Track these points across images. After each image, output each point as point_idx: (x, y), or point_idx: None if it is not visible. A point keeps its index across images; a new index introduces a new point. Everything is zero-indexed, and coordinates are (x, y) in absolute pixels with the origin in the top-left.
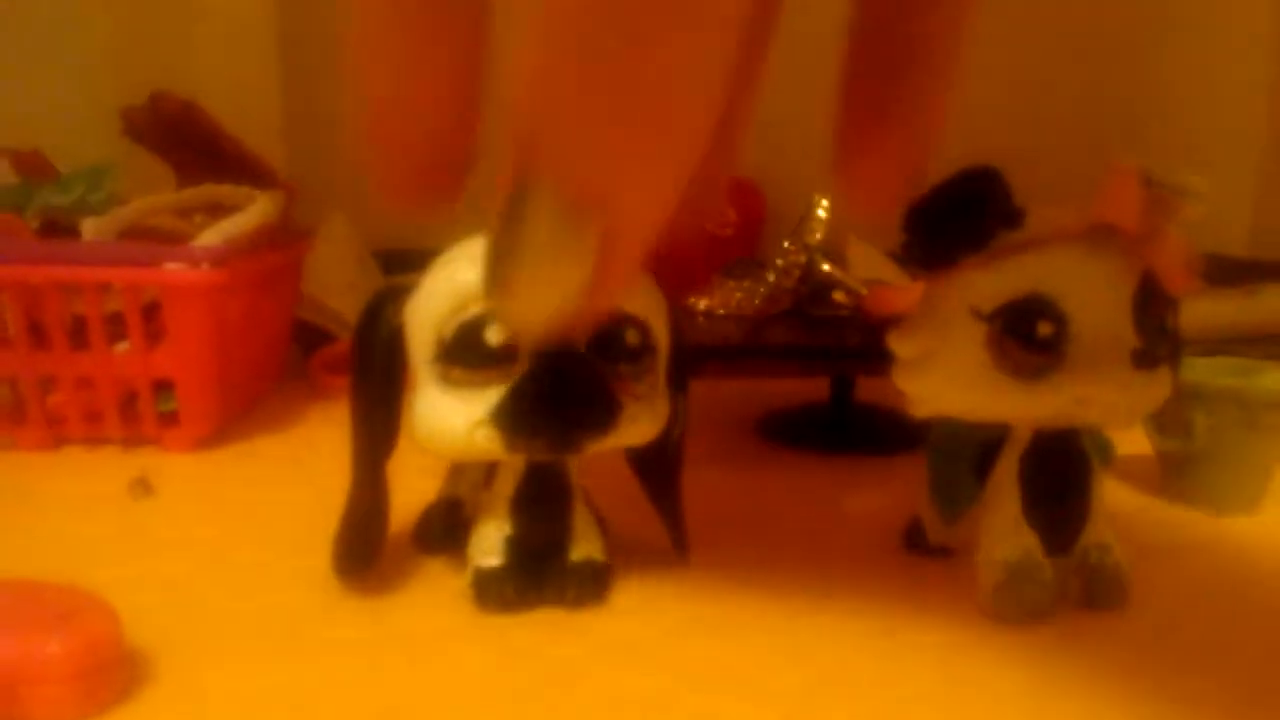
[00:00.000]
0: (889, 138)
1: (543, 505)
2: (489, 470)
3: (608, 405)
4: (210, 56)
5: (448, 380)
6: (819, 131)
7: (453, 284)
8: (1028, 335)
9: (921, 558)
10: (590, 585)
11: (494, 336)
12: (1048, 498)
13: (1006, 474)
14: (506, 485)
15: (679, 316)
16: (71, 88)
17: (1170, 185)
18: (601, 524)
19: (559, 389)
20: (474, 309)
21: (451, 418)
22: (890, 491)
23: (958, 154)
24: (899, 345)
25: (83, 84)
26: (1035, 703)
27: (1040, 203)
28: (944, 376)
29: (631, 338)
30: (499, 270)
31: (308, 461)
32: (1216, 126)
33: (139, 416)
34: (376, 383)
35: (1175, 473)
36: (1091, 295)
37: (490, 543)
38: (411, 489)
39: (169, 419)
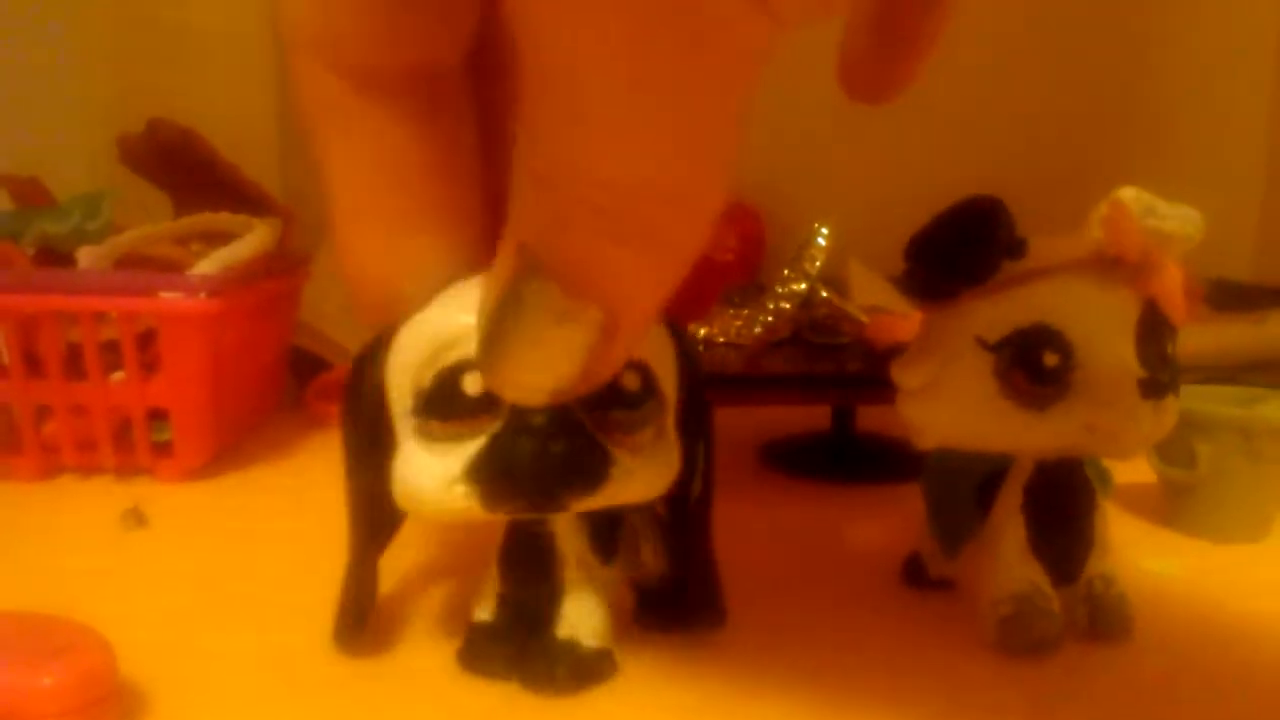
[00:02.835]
0: (892, 46)
1: (526, 568)
2: None
3: (596, 459)
4: (208, 84)
5: (425, 434)
6: (818, 157)
7: (427, 330)
8: (1034, 365)
9: (922, 591)
10: (566, 672)
11: (471, 386)
12: (1052, 528)
13: (1010, 505)
14: (497, 537)
15: (694, 359)
16: (69, 115)
17: (1167, 217)
18: (609, 598)
19: (540, 441)
20: (452, 355)
21: (426, 474)
22: (892, 522)
23: (955, 183)
24: (903, 375)
25: (80, 111)
26: None
27: (1040, 232)
28: (950, 406)
29: (629, 381)
30: (495, 352)
31: (304, 491)
32: (1218, 150)
33: (133, 446)
34: (363, 441)
35: (1178, 502)
36: (1096, 325)
37: (486, 596)
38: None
39: (163, 449)
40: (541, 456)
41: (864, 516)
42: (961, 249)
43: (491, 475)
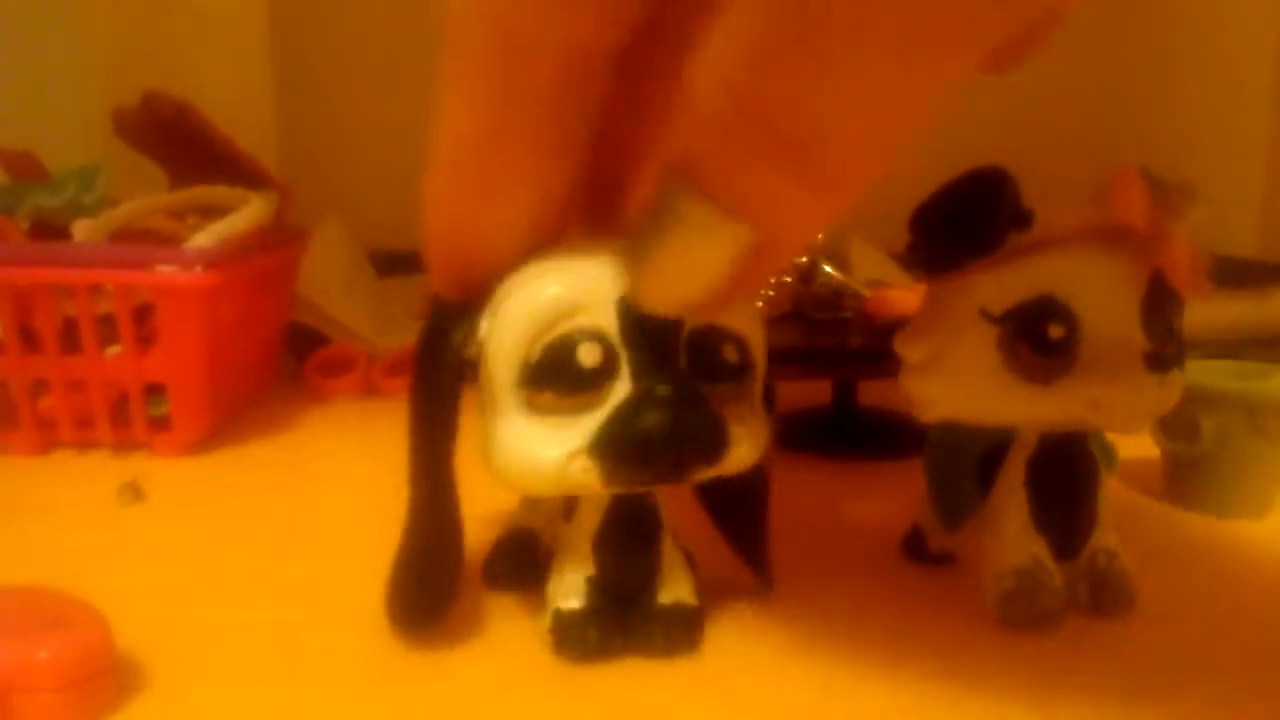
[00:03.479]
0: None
1: (629, 543)
2: (567, 502)
3: (719, 429)
4: (203, 57)
5: (535, 406)
6: None
7: (537, 302)
8: (1039, 338)
9: (923, 565)
10: (680, 631)
11: (587, 357)
12: (1056, 503)
13: (1013, 479)
14: (589, 521)
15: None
16: (64, 88)
17: (1175, 186)
18: (690, 562)
19: (669, 412)
20: (565, 326)
21: (543, 448)
22: (893, 497)
23: (963, 156)
24: (906, 348)
25: (75, 85)
26: (1041, 710)
27: (1047, 204)
28: (954, 380)
29: (730, 354)
30: (642, 259)
31: (301, 466)
32: (1222, 127)
33: (130, 421)
34: (442, 403)
35: (1181, 476)
36: (1102, 297)
37: (570, 583)
38: (480, 517)
39: (160, 423)
40: (672, 428)
41: (865, 491)
42: (967, 220)
43: (620, 448)
